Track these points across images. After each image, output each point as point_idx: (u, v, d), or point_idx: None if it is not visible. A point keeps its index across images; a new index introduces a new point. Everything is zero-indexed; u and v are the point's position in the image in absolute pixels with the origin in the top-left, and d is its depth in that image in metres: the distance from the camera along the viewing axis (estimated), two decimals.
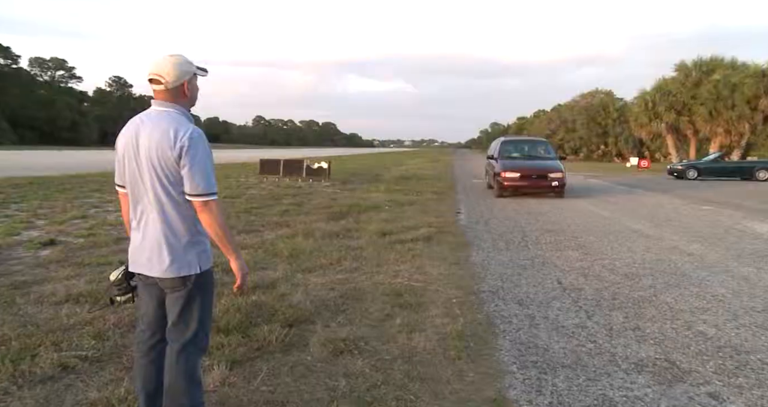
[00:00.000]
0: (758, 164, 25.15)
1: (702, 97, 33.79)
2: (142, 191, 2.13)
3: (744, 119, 32.57)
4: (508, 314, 4.27)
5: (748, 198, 14.77)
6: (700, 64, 35.93)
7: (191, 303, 2.17)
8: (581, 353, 3.47)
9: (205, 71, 2.27)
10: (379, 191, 14.44)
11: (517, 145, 16.26)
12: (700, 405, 2.79)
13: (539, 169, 13.75)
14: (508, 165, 13.77)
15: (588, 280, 5.37)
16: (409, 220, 9.03)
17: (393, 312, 4.18)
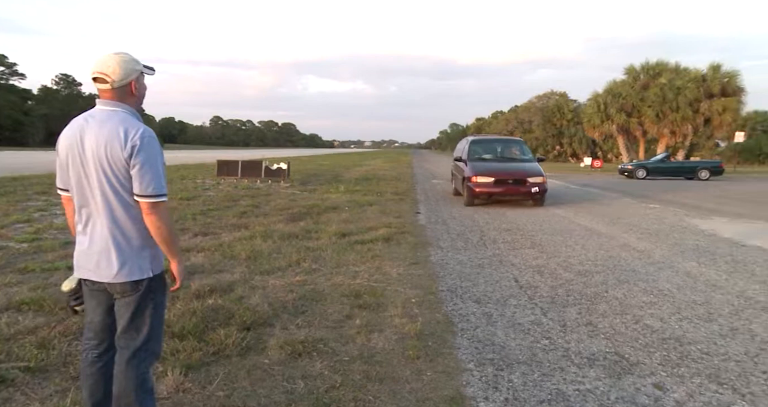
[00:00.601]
0: (700, 164, 26.46)
1: (649, 99, 35.20)
2: (89, 193, 2.05)
3: (687, 121, 34.12)
4: (466, 312, 4.33)
5: (691, 196, 15.47)
6: (648, 68, 37.42)
7: (143, 308, 2.11)
8: (536, 349, 3.56)
9: (153, 70, 2.20)
10: (338, 191, 14.39)
11: (489, 145, 14.11)
12: (646, 395, 2.91)
13: (516, 173, 11.85)
14: (479, 168, 11.84)
15: (543, 278, 5.50)
16: (369, 220, 9.04)
17: (352, 312, 4.17)
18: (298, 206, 10.65)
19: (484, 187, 11.46)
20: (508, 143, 14.55)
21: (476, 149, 13.47)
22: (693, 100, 33.58)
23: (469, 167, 12.16)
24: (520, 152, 13.67)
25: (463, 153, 13.34)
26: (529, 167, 12.12)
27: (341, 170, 26.65)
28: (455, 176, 14.19)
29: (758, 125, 54.44)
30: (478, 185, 11.49)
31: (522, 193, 11.66)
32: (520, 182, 11.61)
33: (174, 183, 15.89)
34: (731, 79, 33.79)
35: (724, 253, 6.89)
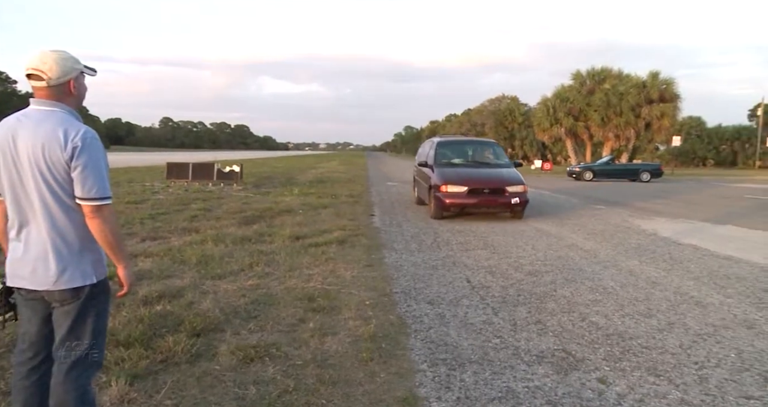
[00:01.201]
0: (642, 167, 27.73)
1: (595, 104, 36.58)
2: (24, 197, 1.96)
3: (630, 125, 35.67)
4: (420, 313, 4.38)
5: (634, 197, 16.16)
6: (593, 74, 38.88)
7: (84, 316, 2.02)
8: (488, 348, 3.63)
9: (94, 71, 2.12)
10: (293, 194, 14.26)
11: (459, 148, 12.22)
12: (591, 389, 3.02)
13: (493, 181, 10.12)
14: (450, 175, 10.13)
15: (495, 278, 5.62)
16: (323, 223, 9.00)
17: (306, 316, 4.15)
18: (252, 209, 10.49)
19: (456, 197, 9.76)
20: (480, 146, 12.70)
21: (444, 152, 11.45)
22: (635, 106, 35.14)
23: (437, 173, 10.34)
24: (494, 155, 11.84)
25: (429, 157, 11.38)
26: (507, 174, 10.39)
27: (296, 173, 26.40)
28: (418, 183, 12.35)
29: (692, 130, 57.54)
30: (448, 195, 9.75)
31: (500, 204, 9.95)
32: (498, 192, 9.87)
33: (121, 186, 15.35)
34: (668, 86, 35.58)
35: (662, 252, 7.23)
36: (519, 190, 9.93)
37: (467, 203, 9.86)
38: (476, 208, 10.10)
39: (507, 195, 9.85)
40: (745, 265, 6.40)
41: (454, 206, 9.86)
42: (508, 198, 9.84)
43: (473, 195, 9.80)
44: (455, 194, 9.79)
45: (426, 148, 12.67)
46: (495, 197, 9.88)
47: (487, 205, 9.99)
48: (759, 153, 48.11)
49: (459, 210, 10.13)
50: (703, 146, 58.16)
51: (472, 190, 9.78)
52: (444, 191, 9.81)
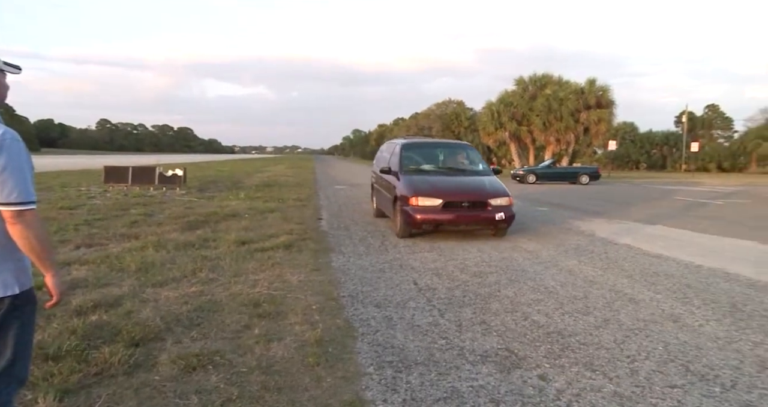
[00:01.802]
0: (581, 170, 28.91)
1: (537, 109, 37.79)
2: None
3: (570, 130, 37.08)
4: (367, 317, 4.39)
5: (574, 199, 16.82)
6: (535, 80, 40.16)
7: (6, 329, 1.91)
8: (434, 349, 3.68)
9: (17, 69, 2.03)
10: (239, 198, 13.97)
11: (427, 151, 10.37)
12: (532, 386, 3.12)
13: (473, 192, 8.52)
14: (420, 186, 8.46)
15: (441, 280, 5.71)
16: (270, 228, 8.87)
17: (251, 322, 4.07)
18: (195, 214, 10.20)
19: (429, 213, 8.04)
20: (452, 149, 10.83)
21: (411, 156, 9.69)
22: (574, 111, 36.57)
23: (404, 182, 8.66)
24: (469, 161, 10.10)
25: (393, 162, 9.63)
26: (489, 184, 8.81)
27: (242, 177, 25.89)
28: (379, 192, 10.57)
29: (626, 135, 60.56)
30: (419, 210, 8.02)
31: (482, 221, 8.27)
32: (479, 206, 8.23)
33: (53, 191, 14.59)
34: (604, 92, 37.25)
35: (600, 251, 7.56)
36: (504, 203, 8.27)
37: (442, 220, 8.12)
38: (453, 225, 8.33)
39: (490, 209, 8.16)
40: (672, 262, 6.78)
41: (426, 223, 8.06)
42: (491, 213, 8.13)
43: (450, 210, 8.10)
44: (428, 209, 8.04)
45: (387, 152, 10.83)
46: (476, 211, 8.19)
47: (466, 222, 8.28)
48: (684, 157, 51.11)
49: (432, 228, 8.30)
50: (636, 150, 61.28)
51: (448, 203, 8.09)
52: (414, 205, 8.08)
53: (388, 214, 9.78)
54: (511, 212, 8.34)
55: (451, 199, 8.18)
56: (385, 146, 11.94)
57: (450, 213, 8.11)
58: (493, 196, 8.34)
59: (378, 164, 11.08)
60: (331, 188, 20.48)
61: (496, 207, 8.20)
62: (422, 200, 8.11)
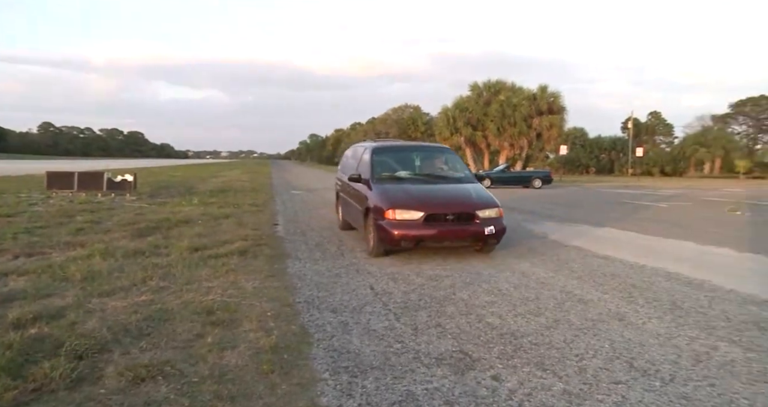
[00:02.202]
0: (534, 174, 29.71)
1: (491, 114, 38.67)
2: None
3: (523, 135, 38.11)
4: (323, 322, 4.37)
5: (527, 203, 17.26)
6: (489, 86, 41.11)
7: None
8: (389, 353, 3.70)
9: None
10: (192, 204, 13.64)
11: (402, 156, 9.01)
12: (485, 387, 3.18)
13: (458, 202, 7.39)
14: (398, 196, 7.31)
15: (398, 284, 5.74)
16: (225, 234, 8.71)
17: (204, 330, 3.98)
18: (146, 221, 9.90)
19: (409, 228, 6.88)
20: (430, 153, 9.60)
21: (384, 161, 8.51)
22: (527, 116, 37.62)
23: (377, 192, 7.52)
24: (450, 166, 8.98)
25: (363, 169, 8.46)
26: (476, 193, 7.67)
27: (196, 182, 25.29)
28: (346, 202, 9.47)
29: (577, 140, 62.71)
30: (397, 225, 6.88)
31: (469, 236, 7.14)
32: (466, 219, 7.12)
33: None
34: (555, 99, 38.51)
35: (551, 254, 7.77)
36: (493, 215, 7.23)
37: (424, 236, 6.93)
38: (436, 242, 7.09)
39: (478, 223, 7.08)
40: (619, 263, 7.05)
41: (405, 239, 6.88)
42: (480, 227, 7.05)
43: (432, 224, 6.95)
44: (407, 223, 6.91)
45: (355, 157, 9.59)
46: (462, 225, 7.07)
47: (452, 237, 7.08)
48: (631, 162, 53.28)
49: (412, 245, 7.03)
50: (586, 154, 63.53)
51: (430, 217, 6.95)
52: (390, 219, 6.95)
53: (357, 227, 8.67)
54: (501, 226, 7.24)
55: (434, 211, 7.00)
56: (351, 151, 10.55)
57: (433, 228, 6.94)
58: (481, 207, 7.23)
59: (344, 171, 9.84)
60: (288, 193, 20.28)
61: (485, 220, 7.12)
62: (400, 213, 6.95)
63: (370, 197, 7.62)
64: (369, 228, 7.45)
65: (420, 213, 6.95)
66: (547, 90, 38.83)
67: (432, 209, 7.04)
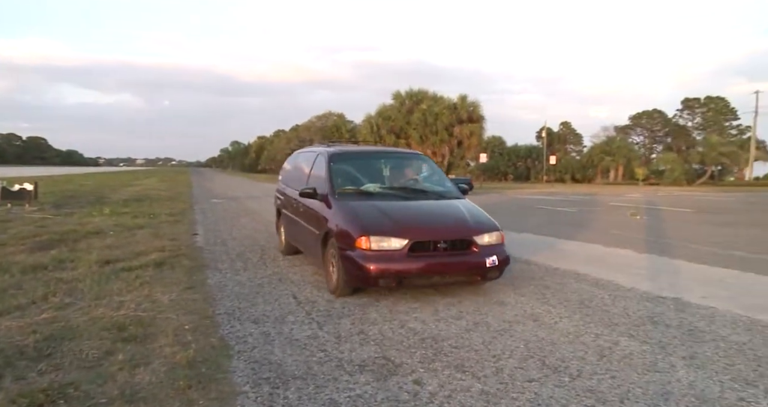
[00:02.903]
0: (456, 181, 30.42)
1: (414, 123, 39.45)
2: None
3: (445, 143, 39.19)
4: (244, 334, 4.26)
5: None
6: (411, 95, 41.93)
7: None
8: (312, 362, 3.67)
9: None
10: (103, 214, 12.85)
11: (368, 164, 7.07)
12: (407, 392, 3.22)
13: (451, 226, 5.70)
14: (372, 218, 5.58)
15: (321, 292, 5.70)
16: (139, 245, 8.28)
17: (114, 347, 3.76)
18: (49, 233, 9.20)
19: (390, 261, 5.20)
20: (401, 160, 7.50)
21: (345, 171, 6.61)
22: (448, 125, 38.72)
23: (342, 212, 5.74)
24: (427, 177, 7.14)
25: (317, 181, 6.56)
26: (468, 212, 5.96)
27: (107, 191, 23.86)
28: (293, 223, 7.37)
29: (496, 148, 65.41)
30: (375, 258, 5.18)
31: (467, 270, 5.52)
32: (462, 247, 5.47)
33: None
34: (475, 108, 39.95)
35: None
36: (494, 240, 5.62)
37: (410, 271, 5.20)
38: (425, 278, 5.36)
39: (477, 252, 5.42)
40: (534, 266, 7.41)
41: (385, 276, 5.16)
42: (479, 257, 5.40)
43: (420, 255, 5.23)
44: (387, 255, 5.17)
45: (304, 165, 7.59)
46: (458, 256, 5.39)
47: (445, 272, 5.37)
48: (545, 169, 56.28)
49: (394, 283, 5.25)
50: (504, 162, 66.35)
51: (417, 245, 5.24)
52: (365, 249, 5.19)
53: (309, 255, 6.89)
54: (504, 255, 5.62)
55: (422, 238, 5.27)
56: (297, 158, 8.51)
57: (420, 260, 5.20)
58: (480, 231, 5.56)
59: (288, 183, 8.09)
60: (208, 202, 19.60)
61: (485, 248, 5.46)
62: (377, 240, 5.18)
63: (330, 218, 5.78)
64: (329, 260, 5.70)
65: (403, 241, 5.18)
66: (467, 99, 40.19)
67: (419, 235, 5.28)
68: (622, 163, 54.88)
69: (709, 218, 15.05)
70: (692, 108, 69.33)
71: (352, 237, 5.32)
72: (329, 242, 5.76)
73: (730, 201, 22.75)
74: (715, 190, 36.73)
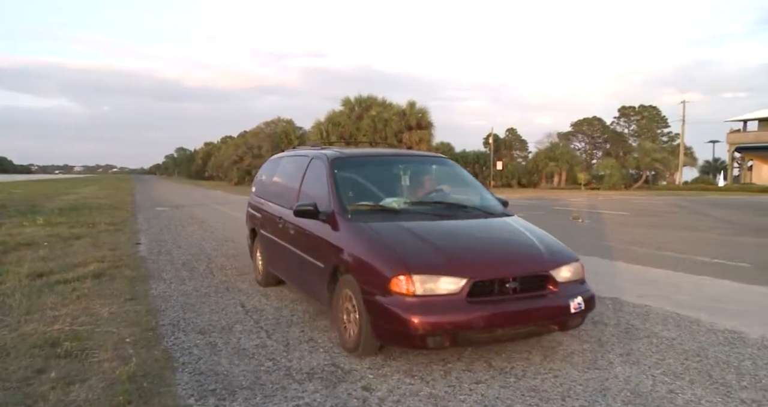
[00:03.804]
0: None
1: (364, 129, 39.62)
2: None
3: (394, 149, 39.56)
4: (189, 345, 4.15)
5: None
6: (360, 101, 42.12)
7: None
8: (260, 372, 3.61)
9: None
10: (36, 224, 12.18)
11: (381, 171, 5.36)
12: (356, 398, 3.22)
13: (517, 255, 4.10)
14: (410, 247, 3.86)
15: (270, 300, 5.62)
16: (76, 256, 7.91)
17: (46, 365, 3.57)
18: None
19: (444, 310, 3.51)
20: (422, 165, 5.71)
21: (353, 180, 4.98)
22: (397, 132, 39.08)
23: (364, 238, 4.09)
24: (461, 187, 5.49)
25: (315, 192, 4.88)
26: (534, 234, 4.43)
27: (41, 200, 22.63)
28: (279, 248, 5.61)
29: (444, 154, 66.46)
30: (422, 306, 3.50)
31: (546, 319, 3.83)
32: (536, 285, 3.88)
33: None
34: (424, 114, 40.52)
35: None
36: (574, 275, 4.08)
37: (472, 324, 3.57)
38: (489, 333, 3.67)
39: (557, 292, 3.88)
40: None
41: (437, 332, 3.50)
42: (561, 300, 3.83)
43: (484, 301, 3.66)
44: (439, 302, 3.56)
45: (292, 172, 5.78)
46: (533, 299, 3.82)
47: (518, 323, 3.77)
48: (492, 175, 57.64)
49: (447, 343, 3.57)
50: None
51: (478, 286, 3.67)
52: (405, 294, 3.57)
53: (306, 292, 5.20)
54: (590, 294, 4.02)
55: (485, 274, 3.71)
56: (279, 164, 6.49)
57: (485, 307, 3.61)
58: (556, 263, 4.00)
59: (268, 196, 6.27)
60: (152, 210, 18.95)
61: (564, 285, 3.92)
62: (423, 280, 3.58)
63: (343, 246, 4.16)
64: (342, 306, 4.11)
65: (460, 281, 3.57)
66: (415, 106, 40.69)
67: (480, 271, 3.70)
68: (565, 168, 56.93)
69: (645, 220, 15.83)
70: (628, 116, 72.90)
71: (382, 276, 3.64)
72: (342, 280, 4.12)
73: (662, 204, 24.02)
74: (650, 194, 38.71)
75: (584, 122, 74.96)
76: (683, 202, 26.32)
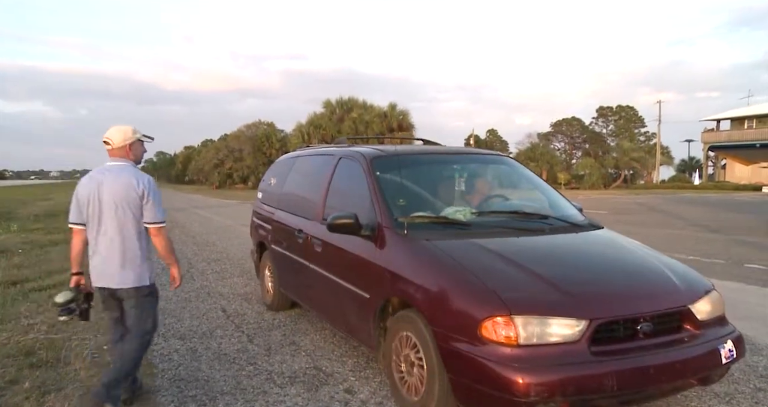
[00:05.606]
0: None
1: (345, 131, 39.53)
2: (106, 222, 3.01)
3: None
4: (169, 351, 4.10)
5: None
6: (342, 103, 42.07)
7: (147, 307, 3.19)
8: (241, 377, 3.58)
9: (151, 138, 3.32)
10: (10, 231, 11.92)
11: (430, 172, 4.26)
12: (338, 401, 3.21)
13: (647, 286, 2.95)
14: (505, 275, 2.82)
15: (251, 304, 5.57)
16: (53, 263, 7.76)
17: (20, 374, 3.50)
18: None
19: (561, 365, 2.44)
20: (481, 167, 4.61)
21: (401, 185, 3.76)
22: (379, 133, 39.08)
23: (434, 263, 3.00)
24: (531, 193, 4.32)
25: (351, 200, 3.84)
26: (658, 260, 3.28)
27: (16, 206, 22.18)
28: (290, 265, 4.78)
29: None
30: (530, 360, 2.44)
31: (692, 371, 2.72)
32: (671, 326, 2.81)
33: None
34: (405, 116, 40.62)
35: None
36: (713, 309, 2.97)
37: (600, 384, 2.44)
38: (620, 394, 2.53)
39: (699, 335, 2.81)
40: None
41: (553, 395, 2.39)
42: (708, 344, 2.77)
43: (612, 350, 2.58)
44: (552, 354, 2.48)
45: (315, 175, 4.69)
46: (672, 345, 2.71)
47: (660, 381, 2.59)
48: None
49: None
50: None
51: (604, 328, 2.61)
52: (505, 343, 2.49)
53: (341, 327, 3.98)
54: (736, 334, 2.96)
55: (610, 312, 2.70)
56: (296, 165, 5.37)
57: (615, 360, 2.55)
58: (693, 293, 2.98)
59: (280, 204, 5.25)
60: None
61: (707, 324, 2.90)
62: (529, 323, 2.53)
63: (402, 270, 3.13)
64: (402, 353, 3.07)
65: (579, 322, 2.58)
66: (396, 108, 40.79)
67: (603, 307, 2.73)
68: (545, 168, 57.53)
69: (624, 218, 16.07)
70: (606, 116, 73.93)
71: (469, 316, 2.64)
72: (398, 318, 3.13)
73: (640, 203, 24.41)
74: (628, 193, 39.33)
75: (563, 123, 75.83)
76: (659, 200, 26.79)
